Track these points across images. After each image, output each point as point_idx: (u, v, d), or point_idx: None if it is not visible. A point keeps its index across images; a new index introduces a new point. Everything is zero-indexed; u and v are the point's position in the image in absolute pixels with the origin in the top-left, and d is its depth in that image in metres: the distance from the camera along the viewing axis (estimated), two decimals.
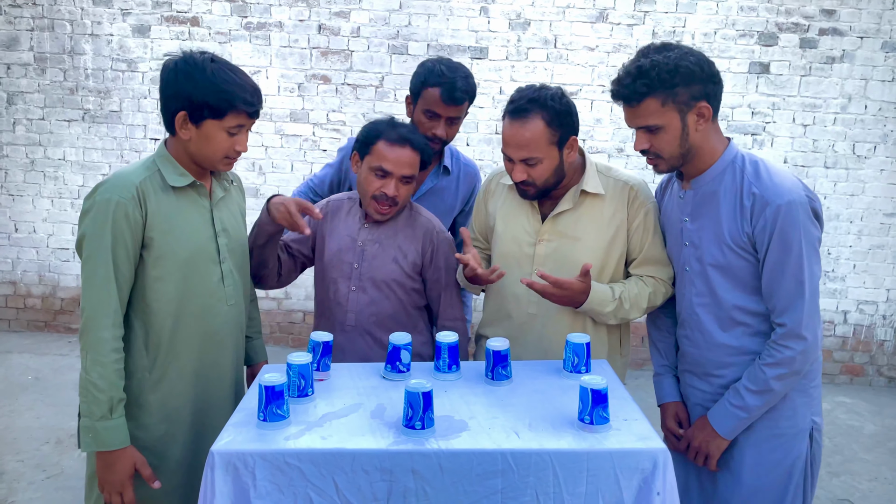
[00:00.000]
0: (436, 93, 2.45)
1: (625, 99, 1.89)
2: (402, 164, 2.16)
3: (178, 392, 1.91)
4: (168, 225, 1.83)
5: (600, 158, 4.86)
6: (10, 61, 4.96)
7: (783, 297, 1.84)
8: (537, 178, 2.06)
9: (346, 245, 2.28)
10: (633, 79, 1.84)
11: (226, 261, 1.97)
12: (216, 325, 1.96)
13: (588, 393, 1.62)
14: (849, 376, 5.05)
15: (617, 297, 2.09)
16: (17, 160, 5.08)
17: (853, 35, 4.68)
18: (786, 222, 1.79)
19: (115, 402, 1.77)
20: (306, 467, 1.54)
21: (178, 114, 1.81)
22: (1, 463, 3.40)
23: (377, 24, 4.83)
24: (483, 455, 1.54)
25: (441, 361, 1.96)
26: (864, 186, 4.85)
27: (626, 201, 2.14)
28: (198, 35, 4.88)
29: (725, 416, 1.94)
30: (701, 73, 1.84)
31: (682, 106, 1.84)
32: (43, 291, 5.25)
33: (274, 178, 5.04)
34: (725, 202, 1.90)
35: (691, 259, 2.00)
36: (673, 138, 1.87)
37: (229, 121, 1.82)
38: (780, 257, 1.82)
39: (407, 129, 2.23)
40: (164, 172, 1.85)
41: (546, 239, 2.15)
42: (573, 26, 4.78)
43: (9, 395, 4.17)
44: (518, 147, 2.03)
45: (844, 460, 3.85)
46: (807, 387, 1.96)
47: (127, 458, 1.80)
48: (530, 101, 2.02)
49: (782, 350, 1.85)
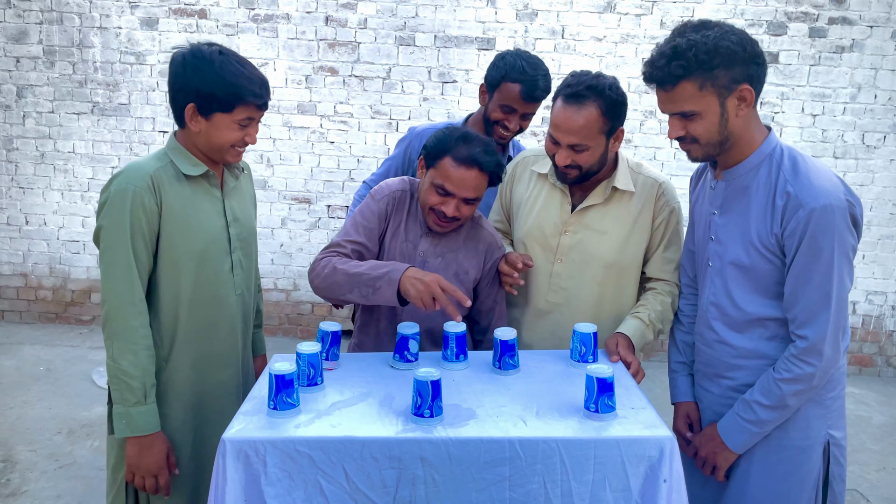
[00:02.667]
0: (516, 88, 2.44)
1: (658, 82, 1.73)
2: (467, 186, 2.01)
3: (187, 380, 1.93)
4: (182, 214, 1.84)
5: None
6: (20, 54, 4.99)
7: (806, 308, 1.70)
8: (582, 163, 2.05)
9: (407, 252, 2.14)
10: (668, 60, 1.68)
11: (236, 250, 1.98)
12: (225, 314, 1.97)
13: (594, 382, 1.63)
14: (857, 367, 5.04)
15: (650, 322, 2.11)
16: (27, 153, 5.12)
17: (863, 24, 4.65)
18: (818, 228, 1.64)
19: (147, 387, 1.80)
20: (316, 455, 1.55)
21: (188, 106, 1.81)
22: (14, 453, 3.44)
23: (384, 15, 4.82)
24: (491, 443, 1.56)
25: (449, 351, 1.97)
26: (874, 176, 4.83)
27: (654, 198, 2.15)
28: (205, 27, 4.89)
29: (736, 430, 1.83)
30: (743, 54, 1.66)
31: (721, 90, 1.68)
32: (54, 283, 5.29)
33: (282, 170, 5.06)
34: (757, 198, 1.76)
35: (714, 255, 1.88)
36: (711, 125, 1.72)
37: (238, 113, 1.83)
38: (808, 265, 1.67)
39: (479, 148, 2.01)
40: (177, 162, 1.86)
41: (572, 230, 2.16)
42: (580, 16, 4.76)
43: (21, 386, 4.21)
44: (569, 132, 2.01)
45: (852, 450, 3.84)
46: (823, 398, 1.81)
47: (161, 442, 1.84)
48: (588, 88, 1.99)
49: (801, 366, 1.72)
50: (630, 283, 2.22)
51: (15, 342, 4.93)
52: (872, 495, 3.39)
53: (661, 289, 2.17)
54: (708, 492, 1.99)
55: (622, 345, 2.01)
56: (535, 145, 2.39)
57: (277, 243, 5.14)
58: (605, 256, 2.15)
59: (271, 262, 5.12)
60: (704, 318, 1.95)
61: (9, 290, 5.31)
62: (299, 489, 1.55)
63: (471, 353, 2.02)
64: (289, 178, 5.07)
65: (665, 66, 1.69)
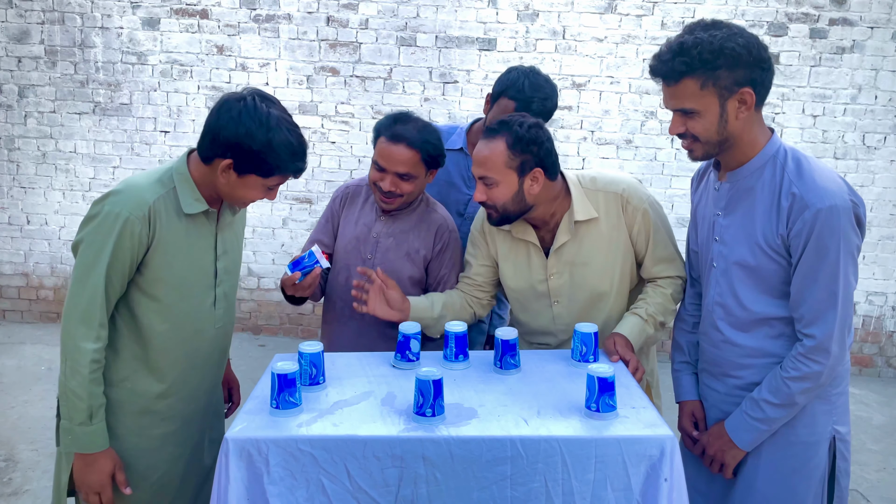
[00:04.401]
0: (510, 106, 2.45)
1: (663, 76, 1.74)
2: (395, 161, 2.15)
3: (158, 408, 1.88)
4: (173, 250, 1.79)
5: (608, 150, 4.87)
6: (21, 54, 5.00)
7: (813, 308, 1.71)
8: (496, 200, 2.03)
9: (362, 234, 2.31)
10: (674, 55, 1.69)
11: (222, 283, 1.95)
12: (202, 348, 1.94)
13: (595, 381, 1.64)
14: (858, 367, 5.04)
15: (648, 317, 2.10)
16: (28, 153, 5.13)
17: (863, 25, 4.65)
18: (825, 228, 1.65)
19: (94, 408, 1.74)
20: (318, 454, 1.56)
21: (224, 161, 1.74)
22: (16, 452, 3.45)
23: (385, 15, 4.83)
24: (492, 442, 1.56)
25: (449, 351, 1.98)
26: (874, 177, 4.83)
27: (620, 210, 2.12)
28: (207, 28, 4.90)
29: (744, 428, 1.84)
30: (748, 57, 1.67)
31: (722, 91, 1.69)
32: (55, 283, 5.30)
33: None
34: (762, 200, 1.77)
35: (719, 256, 1.88)
36: (710, 125, 1.73)
37: (274, 179, 1.81)
38: (814, 264, 1.69)
39: (409, 126, 2.18)
40: (181, 194, 1.79)
41: (556, 272, 2.15)
42: (581, 17, 4.77)
43: (23, 386, 4.21)
44: (477, 164, 2.04)
45: (853, 451, 3.81)
46: (829, 394, 1.82)
47: (107, 460, 1.78)
48: (500, 123, 2.03)
49: (809, 364, 1.73)
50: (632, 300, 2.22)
51: (16, 342, 4.93)
52: (872, 496, 3.40)
53: (662, 282, 2.16)
54: (715, 490, 2.00)
55: (620, 343, 2.02)
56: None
57: (279, 243, 5.15)
58: (596, 285, 2.14)
59: (272, 262, 5.13)
60: (710, 318, 1.95)
61: (10, 290, 5.32)
62: (302, 488, 1.56)
63: (472, 352, 2.03)
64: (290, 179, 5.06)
65: (670, 60, 1.71)
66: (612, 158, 4.89)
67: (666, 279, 2.16)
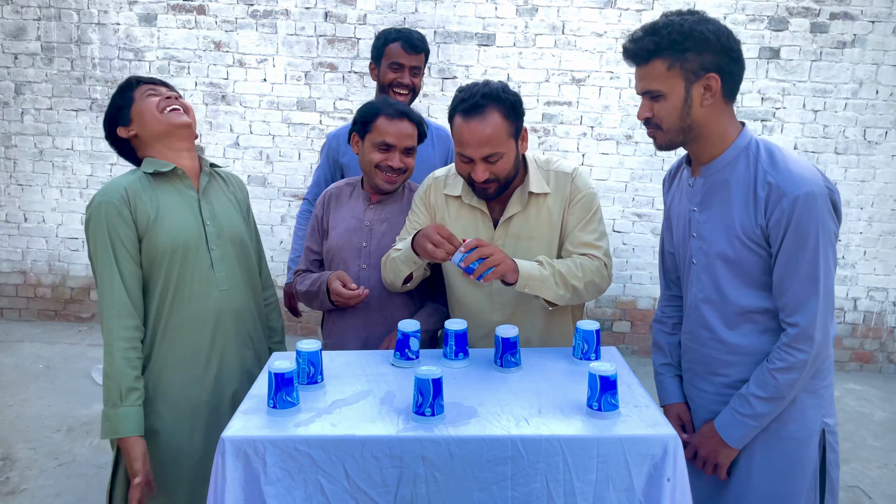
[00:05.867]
0: (397, 46, 2.79)
1: (633, 56, 1.77)
2: (404, 135, 2.26)
3: (176, 380, 1.94)
4: (157, 217, 1.90)
5: (608, 146, 4.85)
6: (18, 51, 4.97)
7: (796, 295, 1.72)
8: (500, 173, 2.02)
9: (353, 226, 2.34)
10: (644, 34, 1.74)
11: (216, 248, 1.99)
12: (210, 311, 1.98)
13: (597, 379, 1.62)
14: (859, 363, 5.03)
15: (543, 261, 2.03)
16: (25, 150, 5.10)
17: (864, 19, 4.63)
18: (803, 215, 1.66)
19: (123, 389, 1.82)
20: (316, 454, 1.54)
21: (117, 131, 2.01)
22: (13, 451, 3.43)
23: (384, 10, 4.80)
24: (493, 441, 1.54)
25: (448, 349, 1.96)
26: (875, 172, 4.81)
27: (568, 188, 2.12)
28: (204, 23, 4.87)
29: (734, 425, 1.83)
30: (716, 42, 1.70)
31: (689, 73, 1.71)
32: (53, 280, 5.28)
33: (281, 166, 5.04)
34: (738, 192, 1.77)
35: (698, 252, 1.88)
36: (674, 108, 1.74)
37: (139, 96, 1.97)
38: (795, 252, 1.69)
39: (402, 104, 2.34)
40: (147, 169, 1.95)
41: (501, 244, 2.11)
42: (581, 12, 4.74)
43: (20, 384, 4.20)
44: (480, 144, 1.98)
45: (854, 447, 3.84)
46: (816, 387, 1.83)
47: (137, 447, 1.83)
48: (484, 97, 1.98)
49: (795, 354, 1.73)
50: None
51: (14, 340, 4.91)
52: (874, 492, 3.39)
53: (576, 255, 2.10)
54: (708, 491, 1.97)
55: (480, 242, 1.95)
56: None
57: (277, 240, 5.13)
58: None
59: (271, 258, 5.10)
60: (694, 316, 1.93)
61: (8, 288, 5.30)
62: (299, 488, 1.54)
63: (472, 350, 2.01)
64: (288, 175, 5.05)
65: (640, 39, 1.75)
66: (611, 154, 4.87)
67: (582, 256, 2.09)
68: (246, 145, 5.02)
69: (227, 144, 5.02)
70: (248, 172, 5.05)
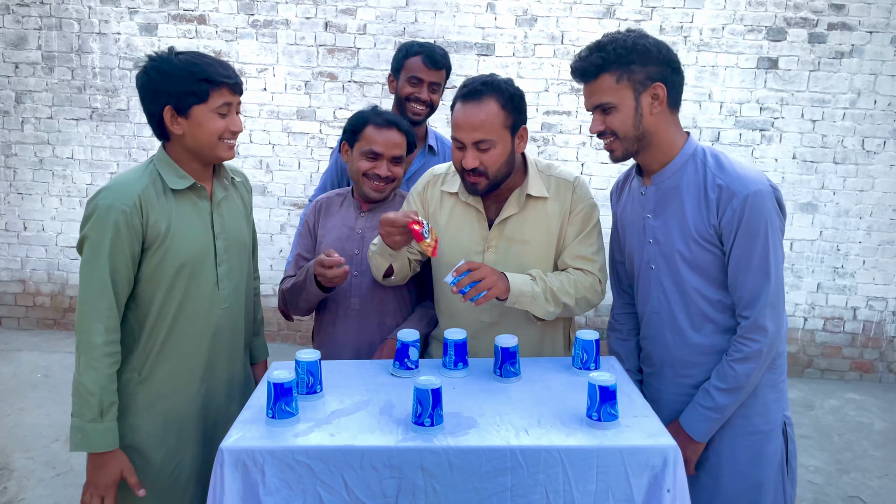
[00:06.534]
0: (417, 60, 2.74)
1: (581, 73, 1.87)
2: (391, 145, 2.27)
3: (168, 394, 1.90)
4: (167, 231, 1.82)
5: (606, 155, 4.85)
6: (19, 60, 4.98)
7: (749, 289, 1.80)
8: (490, 164, 2.00)
9: (345, 234, 2.34)
10: (591, 52, 1.85)
11: (223, 263, 1.95)
12: (210, 328, 1.93)
13: (596, 390, 1.61)
14: (858, 373, 5.02)
15: (536, 277, 2.03)
16: (25, 159, 5.10)
17: (862, 30, 4.65)
18: (753, 212, 1.76)
19: (105, 405, 1.76)
20: (315, 464, 1.54)
21: (165, 111, 1.80)
22: (11, 460, 3.42)
23: (383, 21, 4.82)
24: (492, 452, 1.54)
25: (448, 358, 1.96)
26: (874, 182, 4.82)
27: (569, 196, 2.12)
28: (205, 33, 4.89)
29: (698, 419, 1.89)
30: (658, 55, 1.82)
31: (636, 84, 1.82)
32: (52, 289, 5.27)
33: (281, 175, 5.05)
34: (689, 195, 1.86)
35: (656, 256, 1.94)
36: (626, 118, 1.84)
37: (214, 100, 1.82)
38: (747, 248, 1.79)
39: (391, 113, 2.37)
40: (165, 175, 1.84)
41: (494, 245, 2.11)
42: (580, 22, 4.76)
43: (18, 393, 4.19)
44: (472, 129, 1.98)
45: (854, 457, 3.83)
46: (776, 381, 1.92)
47: (115, 462, 1.79)
48: (483, 84, 2.00)
49: (749, 344, 1.81)
50: None
51: (13, 348, 4.91)
52: (875, 503, 3.38)
53: (571, 270, 2.10)
54: None
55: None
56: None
57: (276, 249, 5.13)
58: (529, 265, 2.08)
59: (270, 267, 5.10)
60: (656, 320, 1.98)
61: (7, 297, 5.29)
62: (298, 499, 1.54)
63: (471, 360, 2.01)
64: (288, 184, 5.05)
65: (587, 56, 1.86)
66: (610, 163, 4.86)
67: (577, 270, 2.10)
68: (246, 154, 5.03)
69: None
70: None
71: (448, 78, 2.87)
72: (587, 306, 2.12)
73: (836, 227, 4.88)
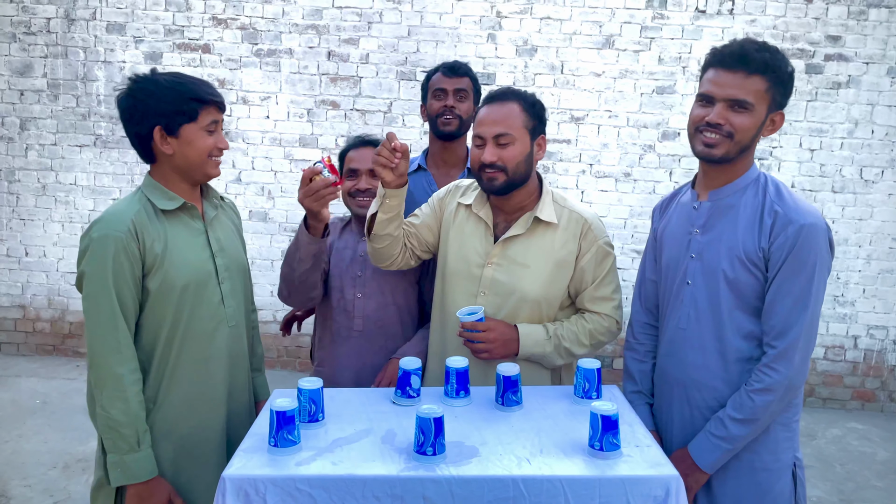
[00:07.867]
0: (438, 74, 2.74)
1: (742, 60, 1.78)
2: (365, 159, 2.34)
3: (180, 417, 1.89)
4: (164, 252, 1.82)
5: (606, 184, 4.89)
6: (24, 87, 5.03)
7: (783, 318, 1.77)
8: (508, 160, 2.02)
9: (349, 257, 2.39)
10: (760, 49, 1.79)
11: (225, 281, 1.96)
12: (219, 348, 1.94)
13: (598, 419, 1.61)
14: (860, 402, 5.00)
15: (551, 335, 2.09)
16: (28, 185, 5.13)
17: (859, 60, 4.71)
18: (805, 243, 1.75)
19: (140, 433, 1.78)
20: (317, 493, 1.53)
21: (154, 131, 1.82)
22: (8, 488, 3.39)
23: (386, 50, 4.88)
24: (495, 481, 1.54)
25: (450, 387, 1.95)
26: (873, 211, 4.84)
27: (579, 234, 2.12)
28: (209, 62, 4.94)
29: (707, 448, 1.85)
30: (792, 87, 1.84)
31: (772, 102, 1.81)
32: (52, 315, 5.27)
33: (283, 202, 5.07)
34: (744, 216, 1.85)
35: (696, 272, 1.91)
36: (752, 126, 1.80)
37: (203, 119, 1.85)
38: (791, 277, 1.76)
39: (367, 135, 2.47)
40: (153, 199, 1.86)
41: (495, 262, 2.12)
42: (580, 52, 4.82)
43: (16, 420, 4.16)
44: (493, 122, 2.03)
45: (857, 488, 3.80)
46: (789, 421, 1.88)
47: (160, 488, 1.81)
48: (508, 90, 2.11)
49: (771, 374, 1.77)
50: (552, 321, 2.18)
51: (12, 374, 4.89)
52: None
53: (589, 316, 2.14)
54: None
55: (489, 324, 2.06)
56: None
57: (277, 275, 5.12)
58: (527, 291, 2.10)
59: (271, 293, 5.10)
60: (679, 337, 1.95)
61: (7, 322, 5.29)
62: None
63: (473, 388, 2.01)
64: (289, 211, 5.08)
65: (757, 51, 1.79)
66: (610, 191, 4.90)
67: (595, 314, 2.14)
68: (248, 181, 5.06)
69: (230, 180, 5.05)
70: (249, 208, 5.08)
71: (477, 92, 2.78)
72: (600, 347, 2.17)
73: (836, 255, 4.89)
